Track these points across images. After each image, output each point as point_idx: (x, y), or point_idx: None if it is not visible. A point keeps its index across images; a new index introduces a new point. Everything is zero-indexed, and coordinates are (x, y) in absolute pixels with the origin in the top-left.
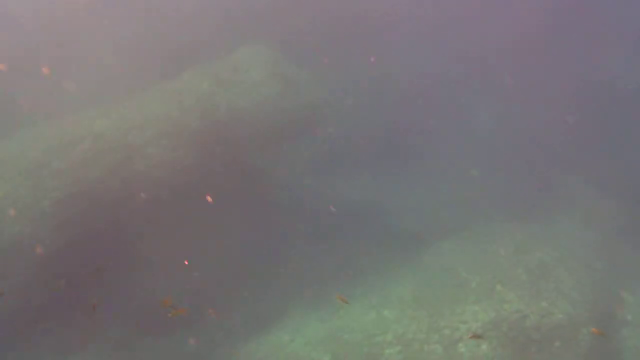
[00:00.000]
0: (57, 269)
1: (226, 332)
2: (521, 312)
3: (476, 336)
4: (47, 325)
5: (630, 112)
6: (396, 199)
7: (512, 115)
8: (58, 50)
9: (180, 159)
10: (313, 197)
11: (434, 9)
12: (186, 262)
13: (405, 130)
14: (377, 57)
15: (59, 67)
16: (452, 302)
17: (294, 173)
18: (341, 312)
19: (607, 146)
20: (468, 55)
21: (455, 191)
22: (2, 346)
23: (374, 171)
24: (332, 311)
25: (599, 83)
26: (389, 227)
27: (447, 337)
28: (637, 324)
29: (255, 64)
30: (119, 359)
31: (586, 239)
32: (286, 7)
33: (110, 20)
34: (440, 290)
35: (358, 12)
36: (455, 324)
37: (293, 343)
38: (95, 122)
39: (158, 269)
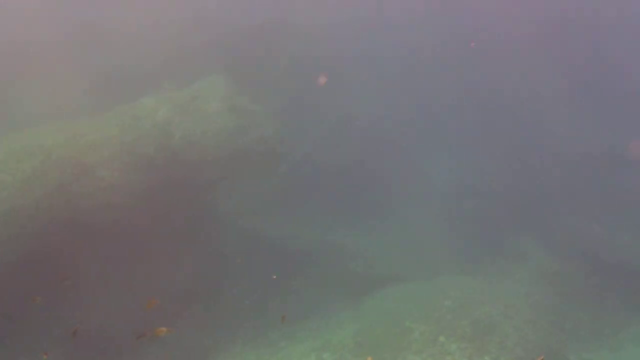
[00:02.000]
0: None
1: None
2: None
3: None
4: None
5: (586, 177)
6: (344, 243)
7: (471, 169)
8: (19, 65)
9: (130, 184)
10: (261, 236)
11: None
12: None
13: (359, 173)
14: (332, 98)
15: (18, 81)
16: (393, 349)
17: (244, 210)
18: (280, 353)
19: (559, 208)
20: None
21: (406, 239)
22: None
23: (324, 213)
24: (271, 351)
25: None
26: (335, 270)
27: None
28: None
29: (213, 96)
30: None
31: (534, 297)
32: (250, 43)
33: (76, 42)
34: (383, 336)
35: (320, 52)
36: None
37: None
38: (48, 138)
39: (91, 295)
